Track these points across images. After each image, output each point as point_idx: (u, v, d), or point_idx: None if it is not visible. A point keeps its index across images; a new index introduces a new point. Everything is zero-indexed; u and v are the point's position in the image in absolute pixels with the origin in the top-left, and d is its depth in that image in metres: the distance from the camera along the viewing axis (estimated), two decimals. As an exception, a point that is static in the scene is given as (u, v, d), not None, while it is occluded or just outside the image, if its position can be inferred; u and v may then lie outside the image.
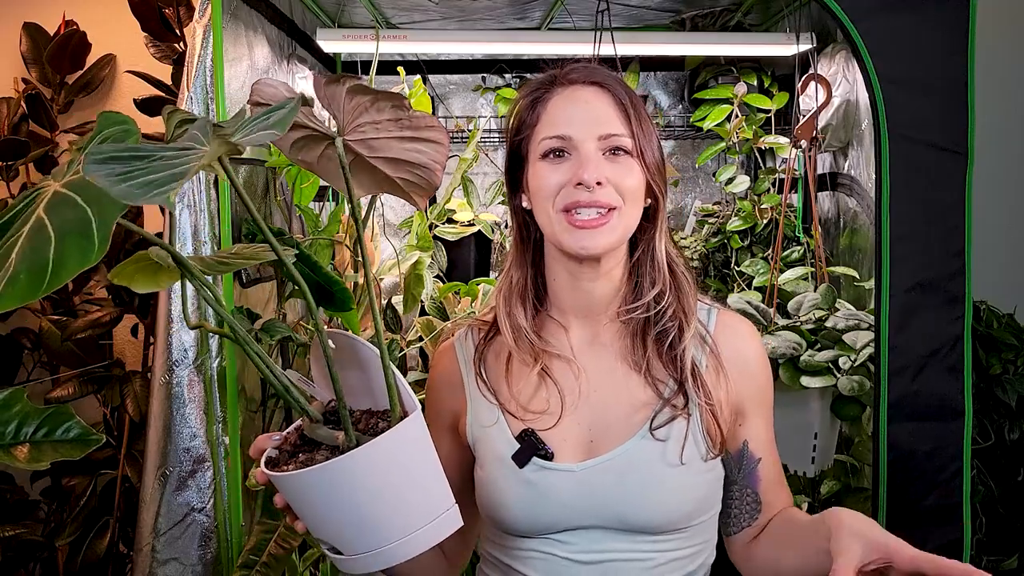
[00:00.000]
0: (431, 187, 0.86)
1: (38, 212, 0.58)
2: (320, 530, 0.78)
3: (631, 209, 1.00)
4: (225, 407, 1.61)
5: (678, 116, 2.73)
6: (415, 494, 0.78)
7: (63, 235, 0.56)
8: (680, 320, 1.02)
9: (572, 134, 0.98)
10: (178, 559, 1.57)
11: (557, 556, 0.99)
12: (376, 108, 0.81)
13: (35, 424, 0.78)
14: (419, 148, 0.83)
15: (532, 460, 0.99)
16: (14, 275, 0.54)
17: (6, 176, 2.40)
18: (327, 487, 0.74)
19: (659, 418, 0.98)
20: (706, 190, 2.83)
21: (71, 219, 0.57)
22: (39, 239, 0.56)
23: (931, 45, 1.48)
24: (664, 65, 2.74)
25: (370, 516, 0.75)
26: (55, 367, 2.33)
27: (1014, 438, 1.86)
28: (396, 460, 0.76)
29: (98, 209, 0.57)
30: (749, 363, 1.05)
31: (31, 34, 2.41)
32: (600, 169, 0.97)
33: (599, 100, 1.00)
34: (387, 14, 2.28)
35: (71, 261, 0.55)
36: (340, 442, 0.78)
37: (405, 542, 0.76)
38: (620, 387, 1.02)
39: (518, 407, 1.02)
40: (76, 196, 0.58)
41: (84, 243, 0.55)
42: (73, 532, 2.23)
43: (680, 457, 0.97)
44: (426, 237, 2.14)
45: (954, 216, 1.49)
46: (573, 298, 1.05)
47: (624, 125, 0.99)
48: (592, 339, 1.05)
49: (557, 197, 0.98)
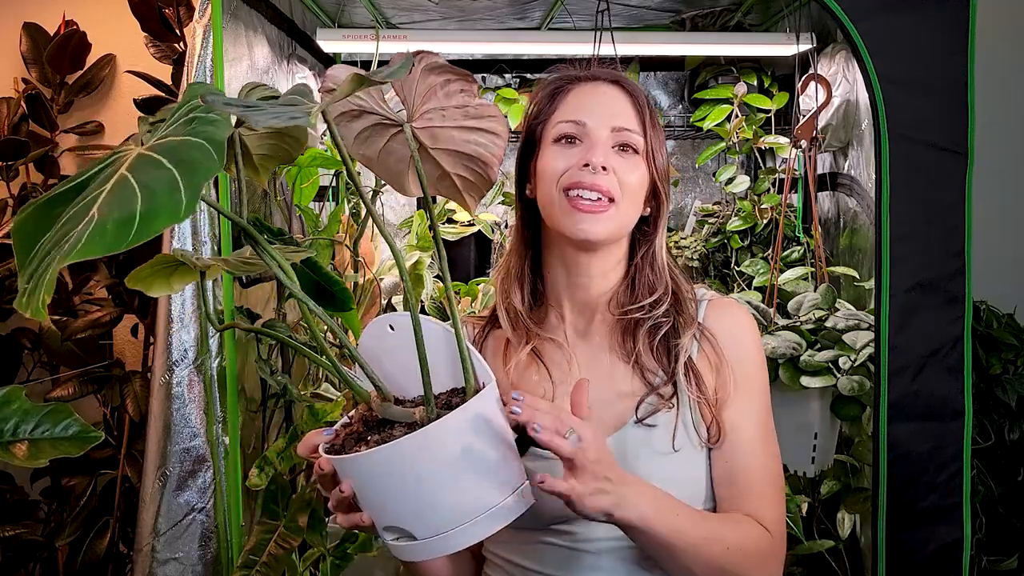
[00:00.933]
0: (487, 185, 0.83)
1: (121, 171, 0.59)
2: (393, 515, 0.75)
3: (629, 207, 1.01)
4: (225, 407, 1.61)
5: (678, 116, 2.73)
6: (496, 466, 0.75)
7: (152, 192, 0.56)
8: (674, 317, 1.03)
9: (587, 121, 1.01)
10: (178, 559, 1.57)
11: (563, 546, 0.98)
12: (446, 92, 0.78)
13: (34, 422, 0.78)
14: (479, 140, 0.80)
15: (530, 450, 0.99)
16: (100, 225, 0.54)
17: (6, 176, 2.40)
18: (410, 462, 0.71)
19: (644, 408, 0.99)
20: (706, 190, 2.83)
21: (159, 178, 0.57)
22: (125, 194, 0.56)
23: (931, 45, 1.48)
24: (664, 65, 2.74)
25: (450, 491, 0.73)
26: (55, 367, 2.33)
27: (1014, 438, 1.86)
28: (479, 430, 0.74)
29: (186, 169, 0.57)
30: (731, 342, 1.04)
31: (31, 34, 2.41)
32: (608, 156, 0.99)
33: (618, 97, 1.03)
34: (387, 14, 2.28)
35: (162, 214, 0.55)
36: (418, 418, 0.75)
37: (484, 518, 0.74)
38: (605, 376, 1.02)
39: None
40: (162, 158, 0.59)
41: (174, 198, 0.56)
42: (73, 532, 2.22)
43: (671, 445, 0.97)
44: (426, 237, 2.14)
45: (954, 216, 1.49)
46: (568, 291, 1.06)
47: (638, 125, 1.02)
48: (584, 329, 1.07)
49: (562, 178, 1.00)
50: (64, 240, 0.56)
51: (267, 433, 1.83)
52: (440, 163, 0.81)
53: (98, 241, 0.54)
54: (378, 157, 0.81)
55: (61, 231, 0.57)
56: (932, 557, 1.50)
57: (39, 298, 0.54)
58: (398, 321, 0.85)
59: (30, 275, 0.56)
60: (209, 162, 0.58)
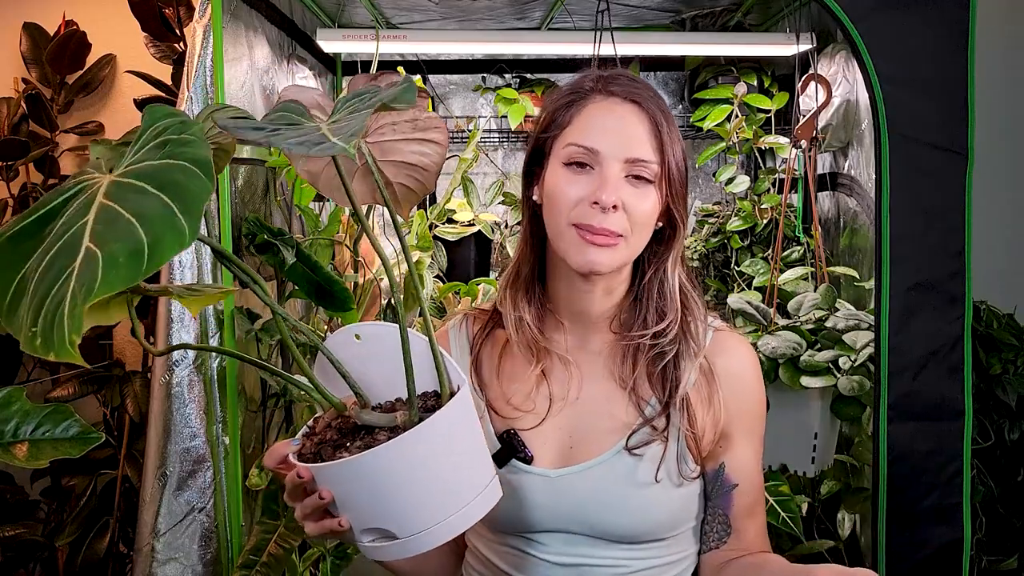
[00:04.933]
0: (425, 192, 0.85)
1: (99, 200, 0.58)
2: (375, 517, 0.77)
3: (638, 238, 0.98)
4: (225, 407, 1.61)
5: (678, 116, 2.73)
6: (471, 464, 0.79)
7: (148, 219, 0.56)
8: (680, 346, 1.01)
9: (600, 148, 0.96)
10: (178, 559, 1.57)
11: (533, 556, 0.99)
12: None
13: (34, 422, 0.78)
14: (423, 150, 0.83)
15: (511, 462, 0.99)
16: (110, 258, 0.54)
17: (6, 176, 2.40)
18: (395, 465, 0.74)
19: (635, 438, 0.98)
20: (706, 190, 2.83)
21: (148, 204, 0.57)
22: (120, 224, 0.56)
23: (931, 45, 1.48)
24: (664, 65, 2.75)
25: (431, 490, 0.76)
26: (55, 367, 2.33)
27: (1014, 438, 1.86)
28: (456, 431, 0.77)
29: (175, 193, 0.57)
30: (740, 384, 1.03)
31: (31, 34, 2.41)
32: (619, 192, 0.94)
33: (635, 120, 0.97)
34: (387, 14, 2.28)
35: (167, 241, 0.55)
36: (399, 421, 0.78)
37: (462, 514, 0.77)
38: (602, 401, 1.02)
39: (504, 404, 1.03)
40: (144, 184, 0.58)
41: (175, 225, 0.55)
42: (73, 532, 2.23)
43: (654, 476, 0.97)
44: (426, 237, 2.14)
45: (954, 216, 1.49)
46: (569, 306, 1.04)
47: (655, 152, 0.96)
48: (584, 343, 1.05)
49: (572, 212, 0.96)
50: (64, 276, 0.55)
51: (267, 433, 1.83)
52: (385, 173, 0.83)
53: (115, 275, 0.53)
54: (323, 172, 0.82)
55: (51, 266, 0.56)
56: (932, 557, 1.50)
57: (64, 338, 0.52)
58: (364, 331, 0.88)
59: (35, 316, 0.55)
60: (197, 183, 0.58)
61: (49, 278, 0.56)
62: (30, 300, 0.56)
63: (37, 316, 0.54)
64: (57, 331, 0.53)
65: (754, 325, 1.91)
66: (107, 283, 0.53)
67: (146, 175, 0.59)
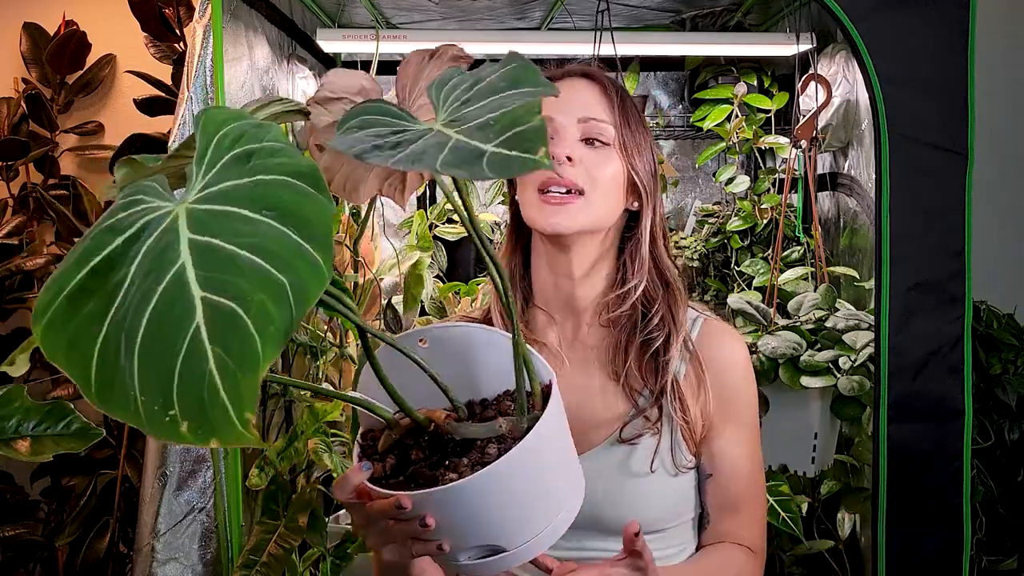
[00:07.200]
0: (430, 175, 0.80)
1: (187, 235, 0.46)
2: (482, 534, 0.70)
3: (600, 200, 0.99)
4: (225, 407, 1.60)
5: (678, 116, 2.73)
6: (569, 460, 0.76)
7: (270, 253, 0.44)
8: (668, 329, 1.01)
9: (555, 116, 0.99)
10: (178, 559, 1.57)
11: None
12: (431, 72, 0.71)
13: (36, 419, 0.78)
14: None
15: None
16: (261, 311, 0.43)
17: (6, 176, 2.40)
18: (513, 478, 0.68)
19: (628, 430, 0.99)
20: (706, 190, 2.83)
21: (264, 234, 0.45)
22: (235, 264, 0.44)
23: (931, 45, 1.48)
24: (664, 65, 2.74)
25: (542, 496, 0.72)
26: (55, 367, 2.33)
27: (1014, 438, 1.86)
28: (561, 427, 0.73)
29: (289, 217, 0.46)
30: (726, 372, 1.03)
31: (31, 34, 2.41)
32: (574, 147, 0.98)
33: (586, 89, 1.02)
34: (387, 14, 2.28)
35: (306, 277, 0.44)
36: (504, 430, 0.71)
37: (565, 513, 0.74)
38: (596, 393, 1.02)
39: None
40: (242, 210, 0.46)
41: (302, 255, 0.45)
42: (73, 532, 2.23)
43: (649, 466, 0.97)
44: (426, 237, 2.14)
45: (954, 216, 1.49)
46: (555, 295, 1.05)
47: (607, 114, 1.00)
48: (574, 337, 1.06)
49: (535, 175, 0.98)
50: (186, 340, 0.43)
51: (267, 433, 1.83)
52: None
53: (274, 331, 0.43)
54: (343, 166, 0.73)
55: (150, 330, 0.45)
56: (932, 557, 1.50)
57: (230, 419, 0.42)
58: (429, 334, 0.81)
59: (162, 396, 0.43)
60: (312, 202, 0.46)
61: (158, 347, 0.44)
62: (136, 374, 0.45)
63: (165, 395, 0.43)
64: (214, 411, 0.42)
65: (754, 325, 1.91)
66: (270, 342, 0.42)
67: (239, 197, 0.47)
